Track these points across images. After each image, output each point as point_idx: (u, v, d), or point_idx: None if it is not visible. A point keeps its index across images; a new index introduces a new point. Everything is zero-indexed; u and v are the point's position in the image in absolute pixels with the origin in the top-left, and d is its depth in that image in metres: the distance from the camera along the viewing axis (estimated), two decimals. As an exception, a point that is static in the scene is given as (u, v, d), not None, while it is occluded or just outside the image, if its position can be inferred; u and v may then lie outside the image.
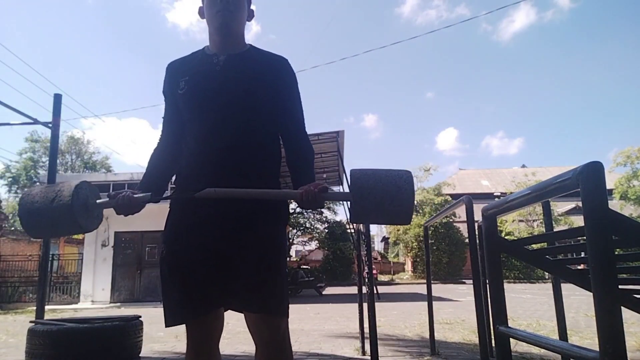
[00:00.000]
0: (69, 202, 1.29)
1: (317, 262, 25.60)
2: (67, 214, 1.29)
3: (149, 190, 1.37)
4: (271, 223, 1.36)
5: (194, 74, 1.42)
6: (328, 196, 1.28)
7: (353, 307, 6.68)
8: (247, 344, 4.34)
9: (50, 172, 5.39)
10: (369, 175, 1.27)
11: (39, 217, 1.31)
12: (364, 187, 1.25)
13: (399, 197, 1.25)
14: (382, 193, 1.24)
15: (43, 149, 31.54)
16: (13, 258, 16.34)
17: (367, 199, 1.24)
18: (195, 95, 1.39)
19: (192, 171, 1.38)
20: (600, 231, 0.88)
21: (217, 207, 1.30)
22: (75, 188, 1.32)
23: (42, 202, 1.31)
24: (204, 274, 1.30)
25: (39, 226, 1.34)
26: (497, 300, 1.36)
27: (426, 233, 3.87)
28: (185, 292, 1.30)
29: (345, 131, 10.71)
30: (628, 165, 22.71)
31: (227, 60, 1.42)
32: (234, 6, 1.40)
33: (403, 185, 1.26)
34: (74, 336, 3.08)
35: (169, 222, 1.40)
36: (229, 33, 1.43)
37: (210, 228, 1.31)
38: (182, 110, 1.43)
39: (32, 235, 1.41)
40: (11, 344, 5.00)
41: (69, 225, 1.32)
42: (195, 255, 1.31)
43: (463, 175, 37.36)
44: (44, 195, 1.33)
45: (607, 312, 0.84)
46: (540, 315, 6.62)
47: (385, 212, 1.27)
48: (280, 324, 1.31)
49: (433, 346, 3.64)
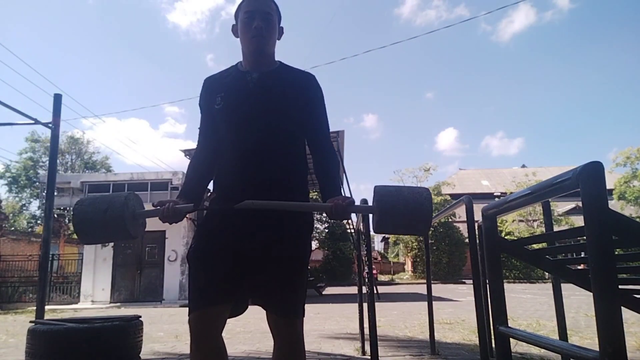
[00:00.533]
0: (121, 213, 1.42)
1: (317, 262, 25.60)
2: (120, 223, 1.43)
3: (188, 199, 1.51)
4: (298, 233, 1.48)
5: (229, 90, 1.53)
6: (355, 209, 1.42)
7: (353, 307, 6.68)
8: (247, 344, 4.33)
9: (50, 172, 5.38)
10: (391, 192, 1.40)
11: (92, 226, 1.45)
12: (388, 203, 1.38)
13: (419, 212, 1.38)
14: (403, 209, 1.37)
15: (43, 149, 31.52)
16: (13, 258, 16.35)
17: (390, 213, 1.38)
18: (231, 111, 1.50)
19: (230, 182, 1.49)
20: (600, 231, 0.88)
21: (250, 215, 1.41)
22: (125, 199, 1.45)
23: (94, 213, 1.45)
24: (225, 270, 1.39)
25: (92, 233, 1.47)
26: (497, 300, 1.36)
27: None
28: (206, 282, 1.39)
29: (345, 131, 10.72)
30: (628, 165, 22.72)
31: (259, 78, 1.53)
32: (267, 32, 1.51)
33: (423, 202, 1.39)
34: (74, 336, 3.08)
35: (205, 223, 1.52)
36: (262, 55, 1.54)
37: (242, 232, 1.42)
38: (219, 124, 1.54)
39: (85, 241, 1.52)
40: (11, 344, 5.00)
41: (120, 232, 1.45)
42: (222, 254, 1.40)
43: (463, 175, 37.36)
44: (95, 205, 1.46)
45: (607, 312, 0.84)
46: (540, 315, 6.62)
47: (405, 225, 1.41)
48: (297, 325, 1.45)
49: (433, 346, 3.64)
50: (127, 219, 1.43)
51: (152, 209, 1.46)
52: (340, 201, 1.38)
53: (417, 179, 27.26)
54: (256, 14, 1.50)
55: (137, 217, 1.49)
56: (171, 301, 12.31)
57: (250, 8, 1.51)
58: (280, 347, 1.46)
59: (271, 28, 1.53)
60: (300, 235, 1.48)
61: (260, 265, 1.40)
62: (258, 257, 1.40)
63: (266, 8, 1.52)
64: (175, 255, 12.83)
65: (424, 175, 27.14)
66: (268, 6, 1.53)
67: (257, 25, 1.49)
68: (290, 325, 1.43)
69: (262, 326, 5.37)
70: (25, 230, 26.04)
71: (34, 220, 32.43)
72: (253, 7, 1.51)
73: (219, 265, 1.39)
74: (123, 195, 1.47)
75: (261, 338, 4.67)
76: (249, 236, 1.41)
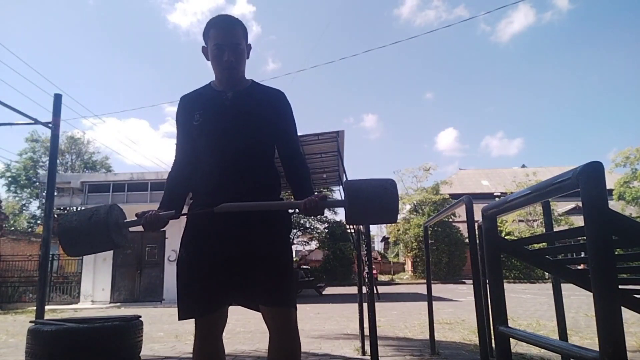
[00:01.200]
0: (105, 220, 1.49)
1: (317, 262, 25.60)
2: (103, 229, 1.49)
3: (170, 208, 1.59)
4: (278, 231, 1.61)
5: (207, 107, 1.65)
6: (327, 204, 1.53)
7: (353, 307, 6.68)
8: (246, 344, 4.34)
9: (50, 172, 5.38)
10: (359, 183, 1.53)
11: (77, 234, 1.51)
12: (357, 192, 1.50)
13: (385, 199, 1.49)
14: (372, 196, 1.49)
15: (43, 149, 31.53)
16: (13, 258, 16.34)
17: (359, 203, 1.49)
18: (209, 126, 1.62)
19: (208, 190, 1.60)
20: (600, 231, 0.88)
21: (231, 219, 1.52)
22: (110, 208, 1.53)
23: (79, 221, 1.51)
24: (216, 276, 1.52)
25: (76, 242, 1.52)
26: (497, 300, 1.36)
27: (426, 233, 3.87)
28: (199, 291, 1.53)
29: (345, 131, 10.72)
30: (627, 165, 22.70)
31: (234, 96, 1.66)
32: (237, 63, 1.63)
33: (389, 188, 1.51)
34: (74, 336, 3.08)
35: (188, 231, 1.62)
36: (233, 79, 1.67)
37: (226, 236, 1.54)
38: (197, 139, 1.65)
39: (70, 252, 1.56)
40: (11, 344, 5.01)
41: (103, 239, 1.51)
42: (210, 260, 1.53)
43: (463, 175, 37.35)
44: (81, 215, 1.54)
45: (607, 312, 0.84)
46: (540, 315, 6.62)
47: (374, 213, 1.51)
48: (291, 314, 1.56)
49: (433, 346, 3.64)
50: (110, 227, 1.50)
51: (134, 219, 1.53)
52: (314, 197, 1.50)
53: (417, 178, 27.27)
54: (225, 47, 1.60)
55: (120, 227, 1.55)
56: (171, 301, 12.30)
57: (219, 41, 1.60)
58: (276, 337, 1.56)
59: (240, 57, 1.64)
60: (280, 234, 1.63)
61: (248, 265, 1.53)
62: (245, 259, 1.53)
63: (234, 39, 1.61)
64: (175, 255, 12.82)
65: (424, 175, 27.14)
66: (235, 36, 1.62)
67: (227, 59, 1.60)
68: (285, 314, 1.54)
69: (262, 326, 5.22)
70: (25, 230, 26.05)
71: (34, 220, 32.44)
72: (222, 40, 1.60)
73: (213, 273, 1.52)
74: (107, 206, 1.55)
75: (261, 338, 4.66)
76: (232, 240, 1.53)
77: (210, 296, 1.53)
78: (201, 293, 1.53)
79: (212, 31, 1.62)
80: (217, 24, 1.62)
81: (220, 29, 1.61)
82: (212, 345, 1.58)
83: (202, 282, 1.53)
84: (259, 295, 1.55)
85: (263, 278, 1.53)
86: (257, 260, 1.53)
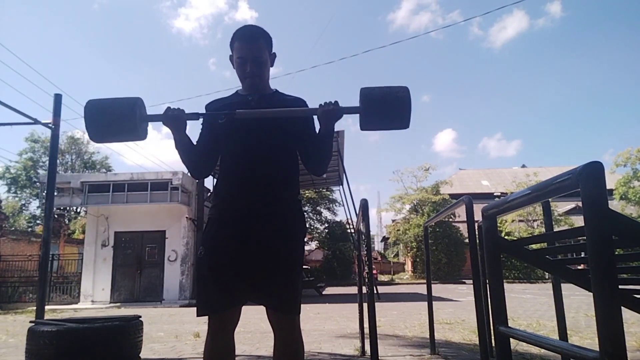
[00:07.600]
0: (133, 107, 1.57)
1: (317, 262, 25.61)
2: (132, 116, 1.56)
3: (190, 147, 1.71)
4: (293, 239, 1.67)
5: (233, 107, 1.70)
6: (343, 109, 1.63)
7: (353, 307, 6.68)
8: (247, 344, 4.34)
9: (50, 172, 5.38)
10: (374, 89, 1.60)
11: (106, 116, 1.56)
12: (371, 97, 1.57)
13: (397, 104, 1.57)
14: (385, 102, 1.56)
15: (43, 149, 31.49)
16: (13, 258, 16.35)
17: (373, 108, 1.57)
18: (234, 125, 1.67)
19: (231, 186, 1.68)
20: (600, 231, 0.87)
21: (251, 221, 1.60)
22: (137, 99, 1.62)
23: (108, 105, 1.57)
24: (233, 277, 1.59)
25: (102, 125, 1.58)
26: (497, 300, 1.36)
27: (426, 233, 3.87)
28: (214, 289, 1.60)
29: (345, 131, 10.73)
30: (628, 165, 22.71)
31: (259, 99, 1.74)
32: (259, 70, 1.71)
33: (402, 93, 1.57)
34: (74, 336, 3.08)
35: (209, 231, 1.68)
36: (256, 87, 1.76)
37: (243, 240, 1.60)
38: (221, 137, 1.73)
39: (94, 135, 1.62)
40: (11, 344, 5.01)
41: (130, 127, 1.58)
42: (228, 260, 1.59)
43: (463, 175, 37.34)
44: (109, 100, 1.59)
45: (607, 312, 0.84)
46: (540, 315, 6.62)
47: (387, 118, 1.59)
48: (295, 320, 1.65)
49: (433, 346, 3.64)
50: (138, 116, 1.58)
51: (158, 114, 1.62)
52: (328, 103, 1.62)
53: (417, 178, 27.27)
54: (248, 60, 1.69)
55: (143, 120, 1.63)
56: (171, 301, 12.30)
57: (242, 54, 1.69)
58: (281, 340, 1.65)
59: (263, 67, 1.72)
60: (297, 237, 1.68)
61: (262, 266, 1.58)
62: (262, 261, 1.58)
63: (256, 52, 1.69)
64: (175, 255, 12.81)
65: (423, 174, 27.14)
66: (258, 49, 1.69)
67: (250, 71, 1.69)
68: (291, 320, 1.63)
69: (262, 326, 5.37)
70: (25, 230, 26.00)
71: (34, 220, 32.43)
72: (244, 53, 1.69)
73: (231, 273, 1.59)
74: (135, 98, 1.62)
75: (261, 338, 4.66)
76: (250, 240, 1.59)
77: (224, 294, 1.59)
78: (216, 291, 1.59)
79: (236, 43, 1.71)
80: (241, 37, 1.70)
81: (244, 41, 1.69)
82: (223, 342, 1.63)
83: (217, 280, 1.59)
84: (269, 298, 1.62)
85: (276, 283, 1.60)
86: (273, 263, 1.59)
